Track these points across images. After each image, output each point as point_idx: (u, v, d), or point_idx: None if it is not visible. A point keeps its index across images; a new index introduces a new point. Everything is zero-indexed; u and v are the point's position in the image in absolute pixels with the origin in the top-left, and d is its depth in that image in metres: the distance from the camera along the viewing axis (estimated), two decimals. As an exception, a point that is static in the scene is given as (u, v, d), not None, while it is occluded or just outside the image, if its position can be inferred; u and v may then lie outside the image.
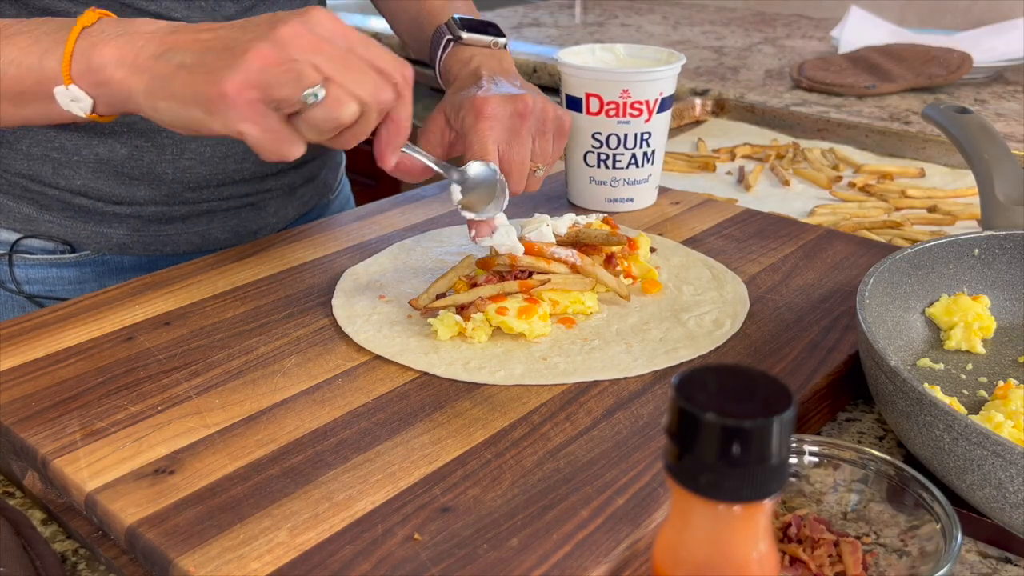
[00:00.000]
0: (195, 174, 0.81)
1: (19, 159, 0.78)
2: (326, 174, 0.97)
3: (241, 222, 0.87)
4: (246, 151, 0.82)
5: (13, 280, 0.82)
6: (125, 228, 0.82)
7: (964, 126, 0.83)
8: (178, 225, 0.84)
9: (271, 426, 0.53)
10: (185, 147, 0.80)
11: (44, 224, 0.81)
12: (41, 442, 0.52)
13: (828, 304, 0.69)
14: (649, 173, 0.88)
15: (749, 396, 0.29)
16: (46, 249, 0.82)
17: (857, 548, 0.46)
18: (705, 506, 0.30)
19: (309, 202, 0.94)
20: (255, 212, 0.88)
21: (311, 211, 0.96)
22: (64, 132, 0.76)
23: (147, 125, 0.77)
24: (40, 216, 0.81)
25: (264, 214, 0.89)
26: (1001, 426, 0.54)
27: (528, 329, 0.63)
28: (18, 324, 0.65)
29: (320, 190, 0.96)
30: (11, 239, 0.81)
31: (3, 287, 0.83)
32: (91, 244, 0.82)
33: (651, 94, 0.84)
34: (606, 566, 0.44)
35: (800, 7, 2.15)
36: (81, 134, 0.77)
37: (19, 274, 0.83)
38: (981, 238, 0.68)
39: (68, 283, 0.83)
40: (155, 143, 0.79)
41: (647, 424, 0.54)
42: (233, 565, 0.43)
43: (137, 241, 0.83)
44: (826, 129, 1.27)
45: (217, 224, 0.86)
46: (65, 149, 0.77)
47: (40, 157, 0.77)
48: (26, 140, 0.77)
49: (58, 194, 0.80)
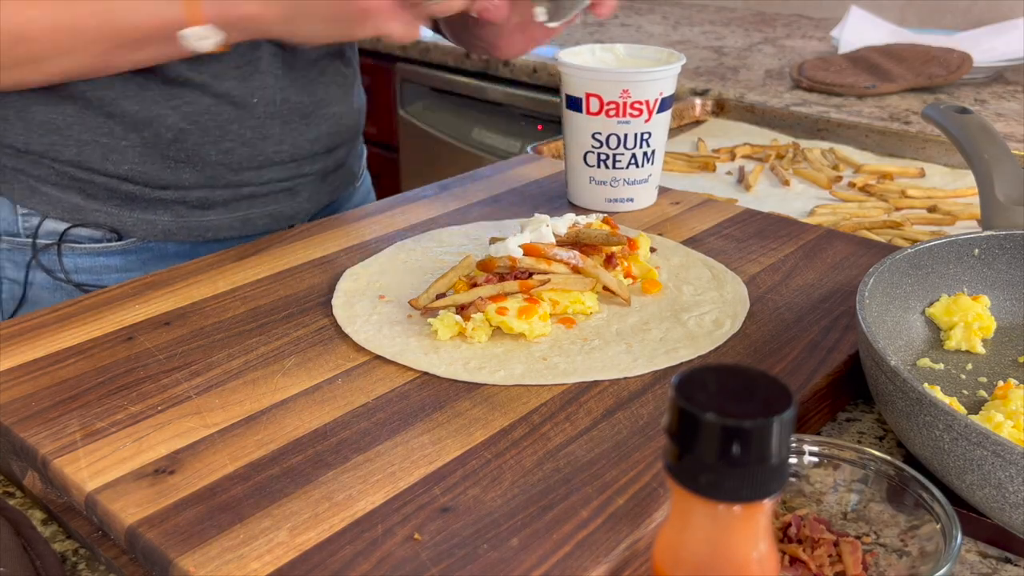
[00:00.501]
0: (236, 155, 0.84)
1: (69, 146, 0.80)
2: (352, 162, 1.00)
3: (279, 207, 0.90)
4: (282, 133, 0.86)
5: (62, 269, 0.84)
6: (170, 215, 0.85)
7: (964, 126, 0.83)
8: (220, 211, 0.87)
9: (271, 426, 0.53)
10: (227, 129, 0.82)
11: (91, 213, 0.83)
12: (41, 442, 0.52)
13: (828, 304, 0.69)
14: (649, 173, 0.88)
15: (749, 396, 0.29)
16: (93, 238, 0.84)
17: (857, 548, 0.46)
18: (705, 506, 0.30)
19: (338, 189, 0.97)
20: (291, 197, 0.91)
21: (339, 199, 0.99)
22: (112, 119, 0.79)
23: (191, 109, 0.80)
24: (87, 205, 0.83)
25: (299, 199, 0.91)
26: (1001, 426, 0.54)
27: (528, 329, 0.63)
28: (18, 324, 0.65)
29: (347, 178, 0.99)
30: (60, 229, 0.83)
31: (52, 276, 0.84)
32: (137, 231, 0.84)
33: (651, 94, 0.84)
34: (606, 566, 0.44)
35: (800, 7, 2.15)
36: (128, 120, 0.79)
37: (67, 263, 0.84)
38: (981, 238, 0.68)
39: (114, 271, 0.86)
40: (199, 126, 0.81)
41: (647, 424, 0.54)
42: (233, 565, 0.43)
43: (181, 227, 0.85)
44: (826, 129, 1.27)
45: (256, 209, 0.88)
46: (114, 134, 0.80)
47: (90, 143, 0.80)
48: (76, 127, 0.79)
49: (105, 181, 0.82)
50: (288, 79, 0.84)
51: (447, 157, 1.90)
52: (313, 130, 0.88)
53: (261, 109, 0.83)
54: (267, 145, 0.85)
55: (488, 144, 1.83)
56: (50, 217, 0.83)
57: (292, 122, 0.86)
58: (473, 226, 0.83)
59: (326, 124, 0.89)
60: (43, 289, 0.85)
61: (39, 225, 0.83)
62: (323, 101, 0.88)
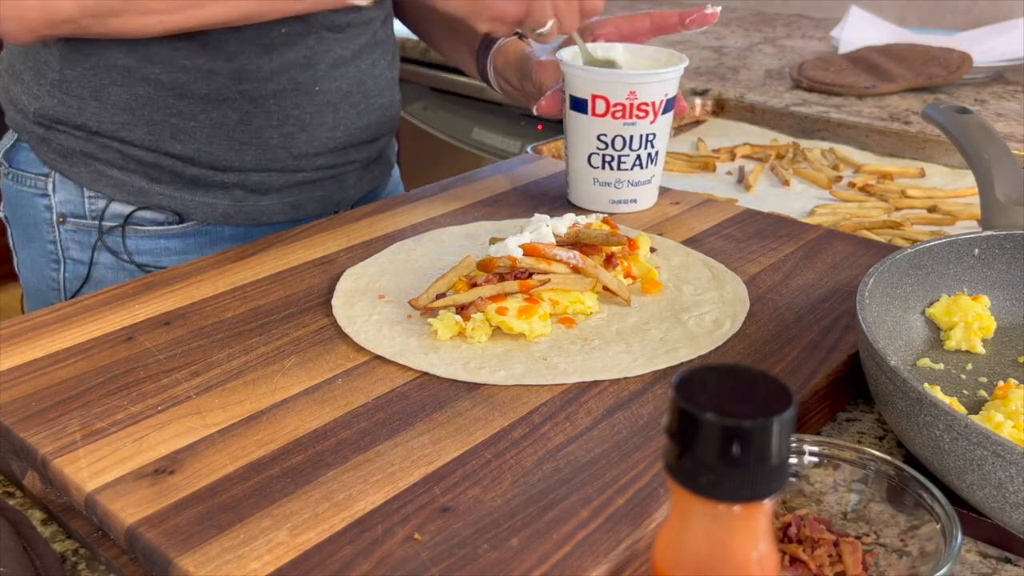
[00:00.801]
0: (296, 140, 0.90)
1: (140, 125, 0.85)
2: (389, 152, 1.05)
3: (327, 193, 0.95)
4: (335, 120, 0.91)
5: (126, 251, 0.90)
6: (229, 198, 0.90)
7: (964, 126, 0.83)
8: (274, 196, 0.92)
9: (271, 426, 0.53)
10: (288, 114, 0.88)
11: (155, 196, 0.88)
12: (41, 442, 0.52)
13: (828, 304, 0.69)
14: (652, 174, 0.88)
15: (749, 396, 0.29)
16: (156, 220, 0.89)
17: (857, 548, 0.46)
18: (705, 506, 0.30)
19: (378, 177, 1.02)
20: (338, 184, 0.96)
21: (377, 188, 1.04)
22: (183, 100, 0.84)
23: (258, 92, 0.86)
24: (152, 188, 0.88)
25: (345, 186, 0.97)
26: (1001, 426, 0.54)
27: (528, 329, 0.63)
28: (18, 324, 0.65)
29: (385, 167, 1.04)
30: (125, 212, 0.88)
31: (117, 257, 0.90)
32: (198, 214, 0.90)
33: (657, 95, 0.84)
34: (606, 566, 0.44)
35: (800, 7, 2.15)
36: (198, 101, 0.85)
37: (130, 245, 0.90)
38: (981, 238, 0.68)
39: (174, 253, 0.91)
40: (263, 109, 0.87)
41: (647, 424, 0.54)
42: (233, 565, 0.43)
43: (239, 211, 0.91)
44: (826, 129, 1.27)
45: (307, 195, 0.94)
46: (183, 115, 0.85)
47: (160, 123, 0.85)
48: (148, 107, 0.84)
49: (171, 163, 0.87)
50: (342, 69, 0.90)
51: (447, 157, 1.90)
52: (363, 118, 0.94)
53: (320, 96, 0.89)
54: (322, 131, 0.91)
55: (488, 144, 1.83)
56: (116, 200, 0.88)
57: (343, 110, 0.91)
58: (473, 226, 0.83)
59: (374, 114, 0.95)
60: (107, 269, 0.90)
61: (105, 208, 0.88)
62: (370, 92, 0.94)
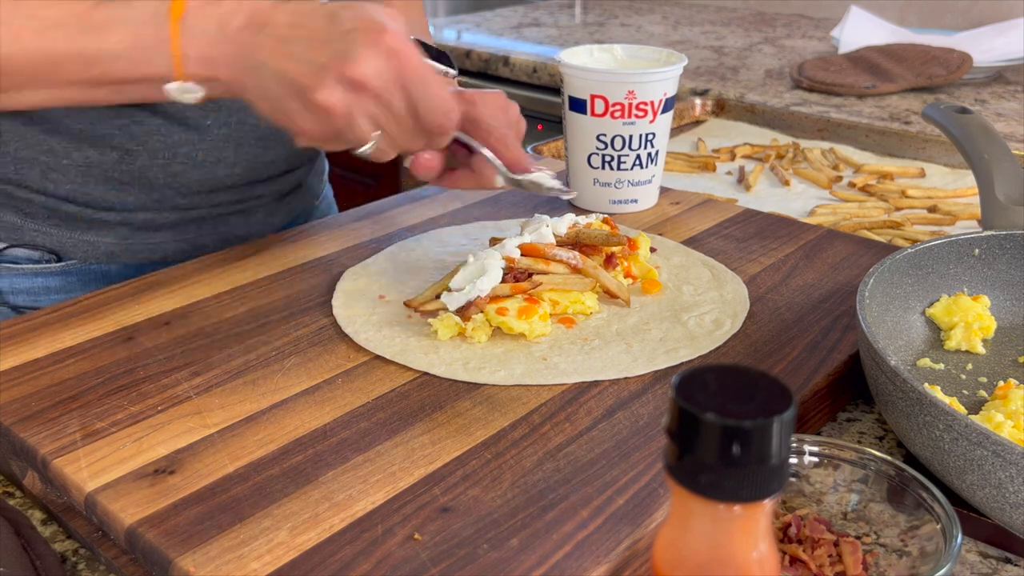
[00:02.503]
0: (186, 179, 0.81)
1: (6, 163, 0.76)
2: (312, 181, 0.97)
3: (229, 229, 0.87)
4: (236, 156, 0.82)
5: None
6: (113, 236, 0.81)
7: (964, 126, 0.83)
8: (167, 233, 0.83)
9: (271, 426, 0.53)
10: (177, 151, 0.79)
11: (30, 233, 0.80)
12: (41, 442, 0.52)
13: (828, 304, 0.69)
14: (653, 174, 0.88)
15: (749, 396, 0.29)
16: (31, 258, 0.81)
17: (857, 548, 0.46)
18: (705, 506, 0.30)
19: (295, 209, 0.94)
20: (243, 219, 0.87)
21: (297, 218, 0.96)
22: (54, 136, 0.76)
23: (140, 129, 0.77)
24: (25, 225, 0.79)
25: (252, 221, 0.88)
26: (1001, 426, 0.54)
27: (528, 329, 0.63)
28: (18, 324, 0.65)
29: (306, 197, 0.96)
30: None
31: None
32: (78, 253, 0.81)
33: (656, 95, 0.84)
34: (606, 566, 0.44)
35: (800, 7, 2.15)
36: (71, 138, 0.76)
37: (3, 284, 0.81)
38: (981, 238, 0.68)
39: (53, 292, 0.82)
40: (147, 147, 0.78)
41: (647, 424, 0.54)
42: (233, 565, 0.43)
43: (125, 249, 0.82)
44: (826, 129, 1.27)
45: (206, 231, 0.85)
46: (55, 152, 0.76)
47: (28, 160, 0.76)
48: (14, 143, 0.76)
49: (45, 200, 0.78)
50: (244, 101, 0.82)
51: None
52: (270, 152, 0.84)
53: (215, 131, 0.80)
54: (219, 168, 0.82)
55: (488, 144, 1.83)
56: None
57: (247, 145, 0.82)
58: (473, 226, 0.83)
59: (283, 147, 0.85)
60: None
61: None
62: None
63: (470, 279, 0.63)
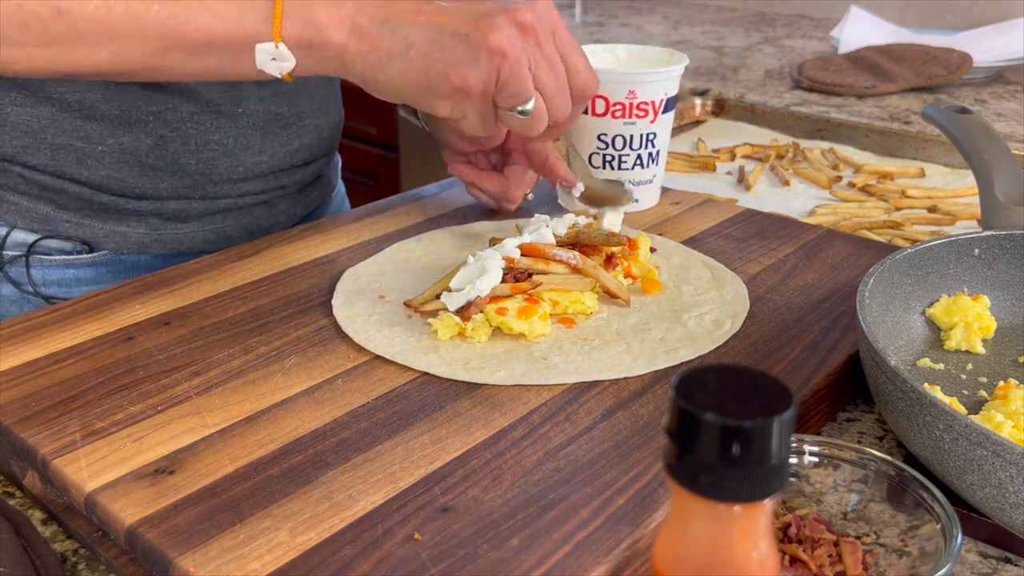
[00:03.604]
0: (217, 166, 0.82)
1: (42, 149, 0.77)
2: (329, 173, 0.98)
3: (254, 219, 0.88)
4: (263, 144, 0.84)
5: (30, 282, 0.82)
6: (144, 227, 0.82)
7: (964, 126, 0.83)
8: (195, 223, 0.85)
9: (271, 426, 0.53)
10: (208, 139, 0.80)
11: (62, 224, 0.80)
12: (41, 442, 0.52)
13: (828, 304, 0.69)
14: (654, 174, 0.88)
15: (749, 396, 0.29)
16: (63, 249, 0.82)
17: (857, 548, 0.46)
18: (705, 506, 0.30)
19: (315, 200, 0.96)
20: (267, 210, 0.89)
21: (315, 211, 0.98)
22: (90, 122, 0.76)
23: (173, 116, 0.78)
24: (58, 216, 0.80)
25: (275, 212, 0.90)
26: (1001, 426, 0.54)
27: (528, 329, 0.63)
28: (18, 324, 0.65)
29: (324, 189, 0.97)
30: (29, 240, 0.81)
31: (20, 288, 0.82)
32: (109, 243, 0.82)
33: (657, 95, 0.84)
34: (606, 566, 0.44)
35: (800, 7, 2.15)
36: (107, 124, 0.77)
37: (35, 275, 0.82)
38: (981, 238, 0.68)
39: (84, 283, 0.83)
40: (180, 133, 0.79)
41: (647, 424, 0.54)
42: (233, 565, 0.43)
43: (155, 240, 0.83)
44: (826, 129, 1.27)
45: (231, 222, 0.87)
46: (90, 138, 0.77)
47: (64, 147, 0.77)
48: (51, 130, 0.76)
49: (78, 190, 0.79)
50: (271, 89, 0.82)
51: (447, 157, 1.89)
52: (294, 141, 0.86)
53: (245, 119, 0.82)
54: (247, 156, 0.83)
55: (488, 144, 1.83)
56: (18, 228, 0.80)
57: (273, 133, 0.84)
58: (473, 226, 0.83)
59: (307, 136, 0.88)
60: (11, 303, 0.83)
61: (7, 236, 0.80)
62: (305, 113, 0.87)
63: (470, 279, 0.63)
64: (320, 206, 0.98)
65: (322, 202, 0.98)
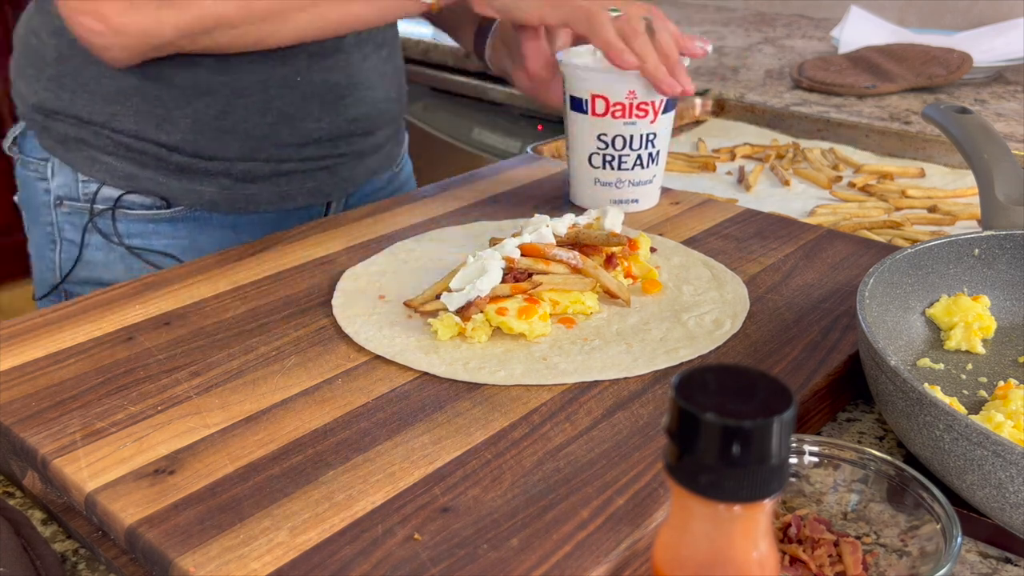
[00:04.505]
0: (279, 131, 0.92)
1: (128, 115, 0.88)
2: (391, 147, 1.05)
3: (317, 184, 0.97)
4: (320, 112, 0.93)
5: (116, 233, 0.92)
6: (215, 186, 0.92)
7: (964, 126, 0.83)
8: (261, 184, 0.94)
9: (271, 426, 0.53)
10: (271, 104, 0.90)
11: (144, 181, 0.91)
12: (41, 442, 0.52)
13: (828, 304, 0.69)
14: (654, 174, 0.88)
15: (749, 396, 0.29)
16: (144, 204, 0.92)
17: (857, 548, 0.46)
18: (705, 506, 0.30)
19: (377, 171, 1.04)
20: (329, 175, 0.97)
21: (378, 183, 1.06)
22: (168, 90, 0.87)
23: (239, 84, 0.88)
24: (141, 174, 0.90)
25: (337, 178, 0.98)
26: (1001, 426, 0.54)
27: (528, 329, 0.63)
28: (18, 324, 0.65)
29: (385, 160, 1.05)
30: (114, 195, 0.91)
31: (107, 239, 0.93)
32: (184, 200, 0.92)
33: (657, 95, 0.83)
34: (606, 566, 0.44)
35: (800, 7, 2.15)
36: (181, 92, 0.87)
37: (120, 228, 0.92)
38: (981, 238, 0.68)
39: (163, 236, 0.93)
40: (245, 100, 0.89)
41: (647, 424, 0.54)
42: (233, 565, 0.43)
43: (225, 198, 0.93)
44: (826, 129, 1.27)
45: (295, 184, 0.95)
46: (167, 104, 0.88)
47: (146, 112, 0.88)
48: (135, 98, 0.87)
49: (157, 151, 0.89)
50: (326, 61, 0.92)
51: (447, 157, 1.90)
52: (351, 110, 0.95)
53: (304, 88, 0.91)
54: (307, 123, 0.92)
55: (488, 144, 1.83)
56: (107, 184, 0.91)
57: (330, 102, 0.93)
58: (473, 226, 0.83)
59: (364, 106, 0.96)
60: (97, 250, 0.93)
61: (97, 191, 0.91)
62: (361, 84, 0.95)
63: (470, 279, 0.63)
64: (383, 179, 1.06)
65: (387, 172, 1.06)
